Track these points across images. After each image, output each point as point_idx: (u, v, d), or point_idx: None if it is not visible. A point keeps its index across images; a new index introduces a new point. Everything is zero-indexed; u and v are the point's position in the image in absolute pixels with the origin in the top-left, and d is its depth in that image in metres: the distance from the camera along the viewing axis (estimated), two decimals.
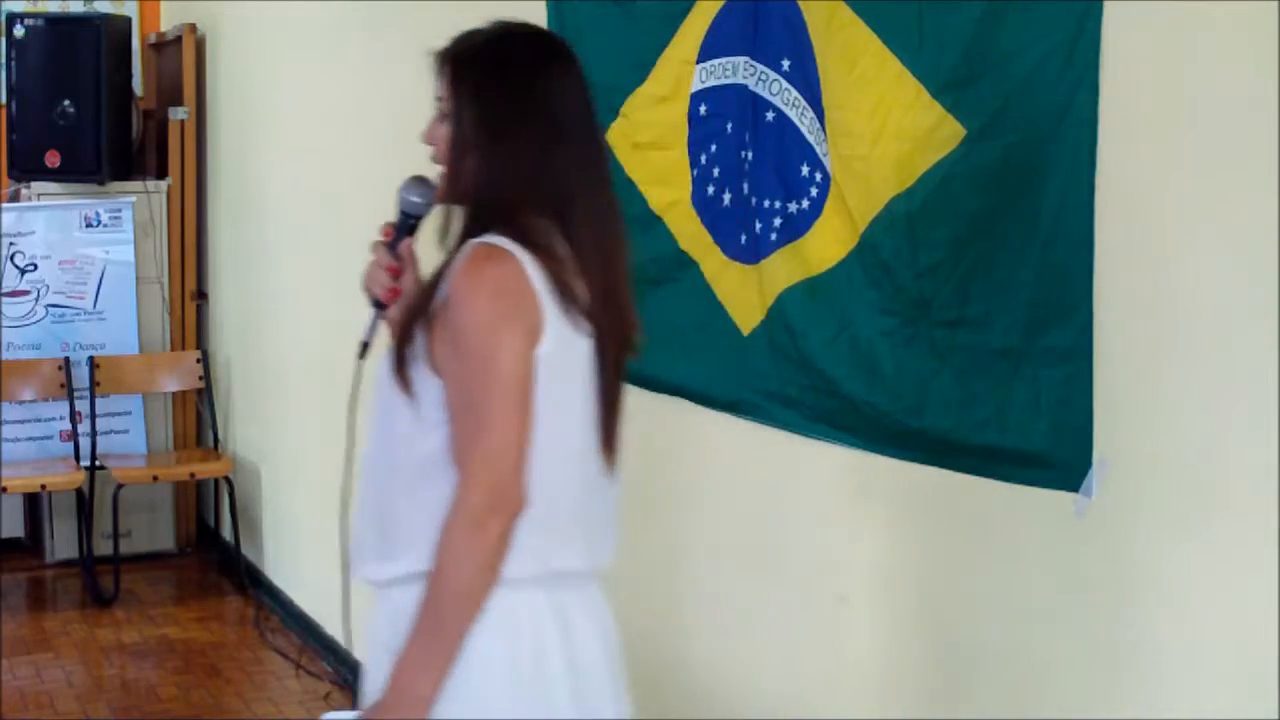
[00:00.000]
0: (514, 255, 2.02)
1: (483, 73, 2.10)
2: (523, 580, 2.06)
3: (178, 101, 6.10)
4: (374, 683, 2.09)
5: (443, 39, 2.12)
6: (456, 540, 2.00)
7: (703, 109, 2.80)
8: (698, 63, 2.80)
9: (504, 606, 2.04)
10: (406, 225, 2.21)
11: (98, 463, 5.74)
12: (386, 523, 2.12)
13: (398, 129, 4.24)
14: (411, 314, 2.08)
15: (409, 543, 2.07)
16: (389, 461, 2.12)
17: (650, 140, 2.96)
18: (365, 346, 2.24)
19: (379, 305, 2.21)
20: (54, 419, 5.92)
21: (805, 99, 2.52)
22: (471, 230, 2.08)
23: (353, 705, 4.54)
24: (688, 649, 3.02)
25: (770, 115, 2.60)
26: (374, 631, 2.14)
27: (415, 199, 2.20)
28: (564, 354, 2.05)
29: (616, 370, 2.13)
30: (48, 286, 5.90)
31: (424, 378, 2.06)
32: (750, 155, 2.66)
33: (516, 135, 2.07)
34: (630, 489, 3.21)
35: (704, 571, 2.96)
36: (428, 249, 2.19)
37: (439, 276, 2.07)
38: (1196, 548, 1.94)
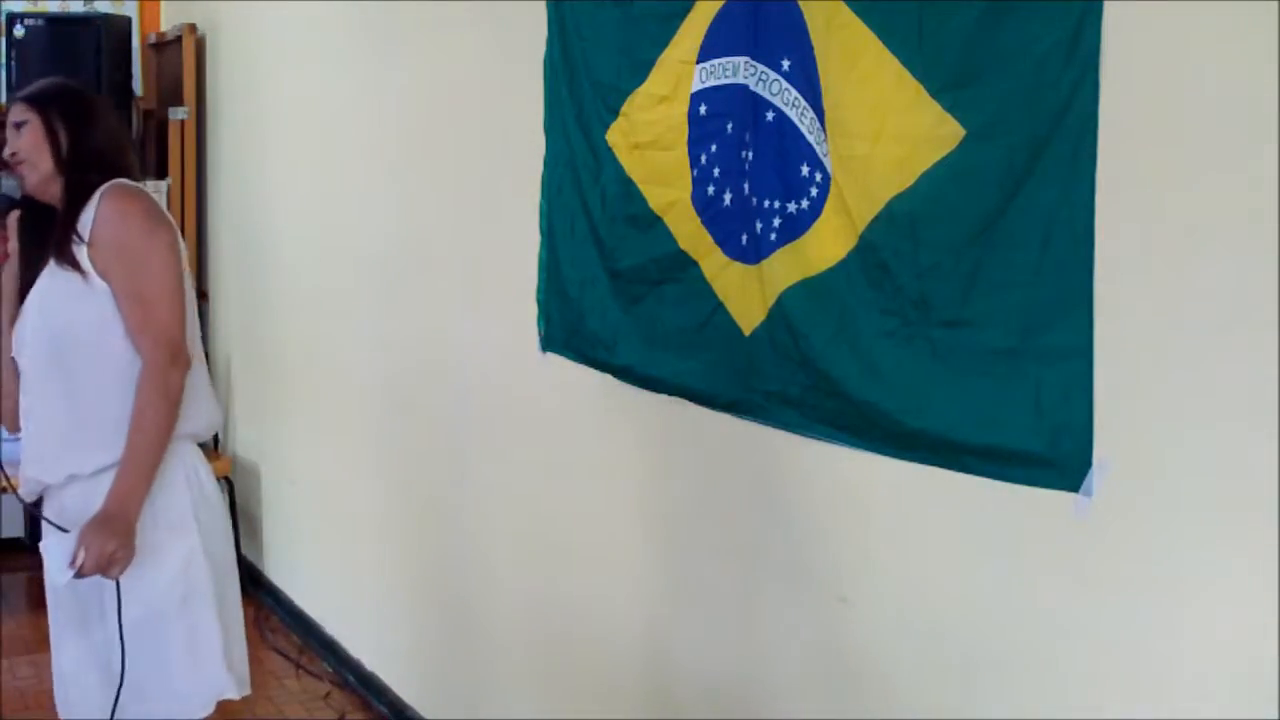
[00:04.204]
0: (143, 189, 2.95)
1: (64, 103, 3.01)
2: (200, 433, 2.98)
3: (178, 101, 6.10)
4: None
5: (441, 38, 2.12)
6: (153, 392, 2.77)
7: (703, 109, 2.80)
8: (698, 63, 2.80)
9: (193, 451, 2.97)
10: (7, 204, 3.00)
11: None
12: (108, 421, 2.81)
13: (398, 128, 4.24)
14: (64, 241, 2.84)
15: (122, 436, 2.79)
16: (90, 373, 2.83)
17: (650, 140, 2.96)
18: None
19: None
20: None
21: (805, 99, 2.52)
22: (80, 189, 2.89)
23: (361, 705, 4.53)
24: (687, 648, 3.02)
25: (770, 115, 2.60)
26: (70, 512, 2.86)
27: (12, 183, 3.00)
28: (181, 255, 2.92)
29: None
30: None
31: (95, 284, 2.81)
32: (750, 155, 2.65)
33: (97, 134, 2.99)
34: (630, 488, 3.22)
35: (704, 570, 2.96)
36: None
37: (71, 220, 2.86)
38: (1197, 548, 1.94)
